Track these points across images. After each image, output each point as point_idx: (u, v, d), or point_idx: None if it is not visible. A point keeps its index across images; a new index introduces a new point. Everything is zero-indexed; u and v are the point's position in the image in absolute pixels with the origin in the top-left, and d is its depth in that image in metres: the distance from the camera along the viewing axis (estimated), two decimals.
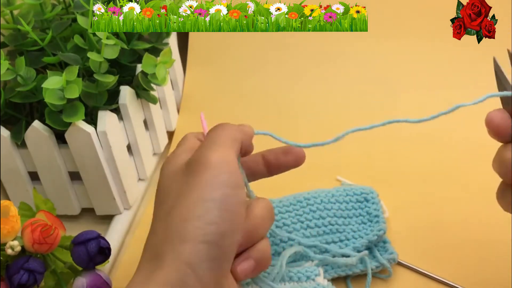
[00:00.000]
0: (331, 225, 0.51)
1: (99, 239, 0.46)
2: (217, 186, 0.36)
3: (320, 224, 0.51)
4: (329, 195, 0.53)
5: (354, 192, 0.54)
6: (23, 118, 0.55)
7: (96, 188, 0.55)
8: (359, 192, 0.54)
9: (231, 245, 0.37)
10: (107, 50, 0.52)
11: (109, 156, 0.53)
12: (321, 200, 0.53)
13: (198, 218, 0.36)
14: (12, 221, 0.44)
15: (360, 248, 0.50)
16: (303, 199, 0.52)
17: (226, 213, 0.36)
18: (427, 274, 0.51)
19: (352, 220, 0.52)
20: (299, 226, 0.51)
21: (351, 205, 0.53)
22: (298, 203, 0.52)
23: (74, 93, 0.49)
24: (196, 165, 0.38)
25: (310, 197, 0.53)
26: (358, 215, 0.53)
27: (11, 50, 0.58)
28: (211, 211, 0.36)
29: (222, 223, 0.36)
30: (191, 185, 0.37)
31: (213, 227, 0.36)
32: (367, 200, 0.53)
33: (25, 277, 0.43)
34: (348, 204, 0.53)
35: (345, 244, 0.51)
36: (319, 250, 0.50)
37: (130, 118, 0.55)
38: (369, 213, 0.53)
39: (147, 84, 0.55)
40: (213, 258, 0.35)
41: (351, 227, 0.52)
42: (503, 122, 0.39)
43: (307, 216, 0.51)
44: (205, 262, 0.35)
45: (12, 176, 0.55)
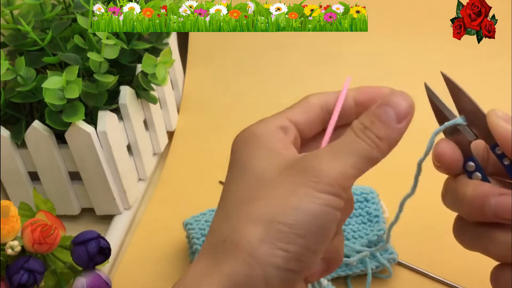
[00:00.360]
0: None
1: (99, 239, 0.46)
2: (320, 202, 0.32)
3: None
4: None
5: (354, 192, 0.54)
6: (23, 118, 0.55)
7: (96, 188, 0.55)
8: (359, 192, 0.54)
9: (311, 262, 0.33)
10: (107, 50, 0.52)
11: (109, 156, 0.53)
12: None
13: (288, 225, 0.31)
14: (12, 221, 0.44)
15: (360, 248, 0.50)
16: None
17: (319, 230, 0.32)
18: (427, 274, 0.51)
19: (352, 220, 0.52)
20: None
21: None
22: None
23: (74, 93, 0.49)
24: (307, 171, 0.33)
25: None
26: (358, 215, 0.53)
27: (11, 50, 0.58)
28: (303, 224, 0.31)
29: (311, 238, 0.32)
30: (293, 185, 0.32)
31: (301, 240, 0.31)
32: (367, 200, 0.53)
33: (25, 277, 0.44)
34: None
35: (345, 244, 0.51)
36: None
37: (130, 118, 0.55)
38: (369, 213, 0.53)
39: (147, 84, 0.55)
40: (289, 269, 0.32)
41: (351, 227, 0.52)
42: (454, 155, 0.37)
43: None
44: (279, 269, 0.31)
45: (12, 176, 0.55)
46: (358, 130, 0.34)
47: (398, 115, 0.35)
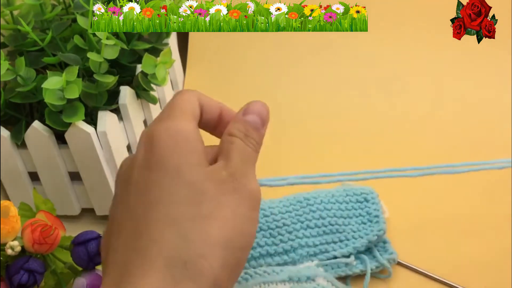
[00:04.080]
0: (331, 225, 0.51)
1: (99, 239, 0.46)
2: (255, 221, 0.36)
3: (320, 224, 0.51)
4: (329, 195, 0.53)
5: (354, 192, 0.54)
6: (23, 118, 0.55)
7: (96, 188, 0.55)
8: (359, 192, 0.54)
9: None
10: (107, 50, 0.52)
11: (109, 156, 0.53)
12: (321, 200, 0.53)
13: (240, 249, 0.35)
14: (12, 221, 0.44)
15: (360, 248, 0.50)
16: (303, 199, 0.52)
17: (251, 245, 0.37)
18: (427, 274, 0.51)
19: (352, 220, 0.52)
20: (299, 226, 0.51)
21: (351, 205, 0.53)
22: (298, 203, 0.52)
23: (74, 93, 0.49)
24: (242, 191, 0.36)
25: (310, 197, 0.53)
26: (358, 215, 0.53)
27: (11, 50, 0.58)
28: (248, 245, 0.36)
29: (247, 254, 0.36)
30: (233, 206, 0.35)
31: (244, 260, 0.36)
32: (367, 200, 0.53)
33: (25, 277, 0.44)
34: (348, 204, 0.53)
35: (345, 244, 0.51)
36: (319, 250, 0.50)
37: (130, 118, 0.55)
38: (369, 213, 0.53)
39: (147, 84, 0.55)
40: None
41: (351, 227, 0.52)
42: None
43: (307, 216, 0.51)
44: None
45: (12, 176, 0.55)
46: (243, 138, 0.37)
47: (262, 122, 0.39)
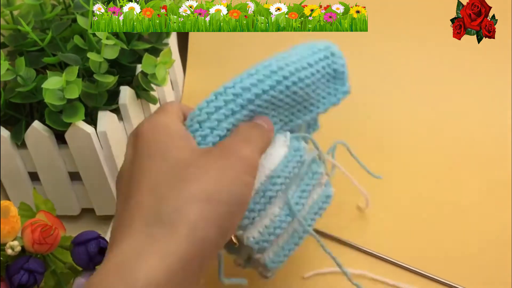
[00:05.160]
0: (301, 96, 0.46)
1: (99, 239, 0.46)
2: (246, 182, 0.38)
3: (290, 101, 0.46)
4: (302, 62, 0.46)
5: (318, 48, 0.48)
6: (23, 118, 0.55)
7: (96, 188, 0.55)
8: (323, 47, 0.48)
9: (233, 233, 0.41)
10: (107, 50, 0.52)
11: (109, 156, 0.53)
12: (298, 77, 0.45)
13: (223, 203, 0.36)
14: (12, 221, 0.44)
15: (323, 112, 0.48)
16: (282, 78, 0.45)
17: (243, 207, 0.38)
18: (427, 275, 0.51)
19: (319, 82, 0.47)
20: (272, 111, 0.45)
21: (321, 65, 0.47)
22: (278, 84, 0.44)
23: (74, 93, 0.49)
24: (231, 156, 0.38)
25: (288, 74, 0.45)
26: (325, 73, 0.48)
27: (11, 50, 0.58)
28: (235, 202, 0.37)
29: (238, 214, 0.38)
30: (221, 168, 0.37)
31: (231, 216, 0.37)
32: (333, 54, 0.48)
33: (25, 277, 0.44)
34: (318, 65, 0.47)
35: (310, 111, 0.48)
36: (283, 122, 0.46)
37: (130, 118, 0.55)
38: (335, 69, 0.48)
39: (147, 84, 0.55)
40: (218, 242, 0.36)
41: (319, 92, 0.48)
42: None
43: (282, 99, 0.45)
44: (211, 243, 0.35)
45: (12, 176, 0.55)
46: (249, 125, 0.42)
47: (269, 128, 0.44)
